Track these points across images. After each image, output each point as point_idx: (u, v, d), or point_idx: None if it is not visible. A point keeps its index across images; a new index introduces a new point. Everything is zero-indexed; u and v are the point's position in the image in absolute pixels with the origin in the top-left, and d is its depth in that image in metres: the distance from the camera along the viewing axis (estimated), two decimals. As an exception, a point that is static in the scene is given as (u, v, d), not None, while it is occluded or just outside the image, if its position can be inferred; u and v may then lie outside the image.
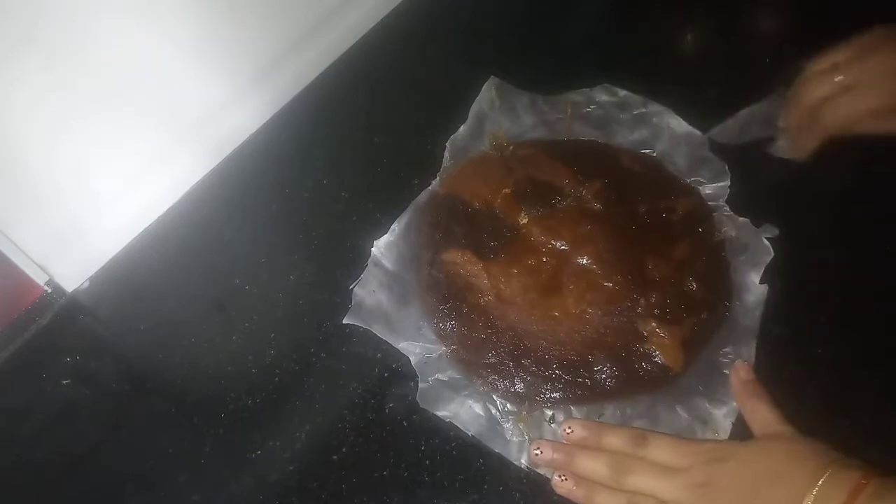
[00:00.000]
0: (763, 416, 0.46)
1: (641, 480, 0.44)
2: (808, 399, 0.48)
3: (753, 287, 0.54)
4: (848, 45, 0.54)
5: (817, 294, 0.54)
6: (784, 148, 0.60)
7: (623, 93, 0.65)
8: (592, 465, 0.45)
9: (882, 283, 0.54)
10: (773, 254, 0.54)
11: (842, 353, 0.51)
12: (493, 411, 0.51)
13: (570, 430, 0.48)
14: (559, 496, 0.47)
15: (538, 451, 0.47)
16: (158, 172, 0.63)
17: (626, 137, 0.63)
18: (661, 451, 0.45)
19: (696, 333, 0.52)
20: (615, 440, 0.46)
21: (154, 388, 0.55)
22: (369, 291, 0.56)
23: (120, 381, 0.56)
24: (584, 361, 0.51)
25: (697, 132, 0.62)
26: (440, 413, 0.51)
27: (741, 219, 0.57)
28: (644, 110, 0.64)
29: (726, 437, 0.48)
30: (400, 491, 0.48)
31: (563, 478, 0.46)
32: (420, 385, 0.52)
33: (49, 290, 0.59)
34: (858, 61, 0.53)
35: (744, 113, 0.63)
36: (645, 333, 0.52)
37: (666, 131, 0.63)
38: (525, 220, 0.57)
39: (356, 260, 0.57)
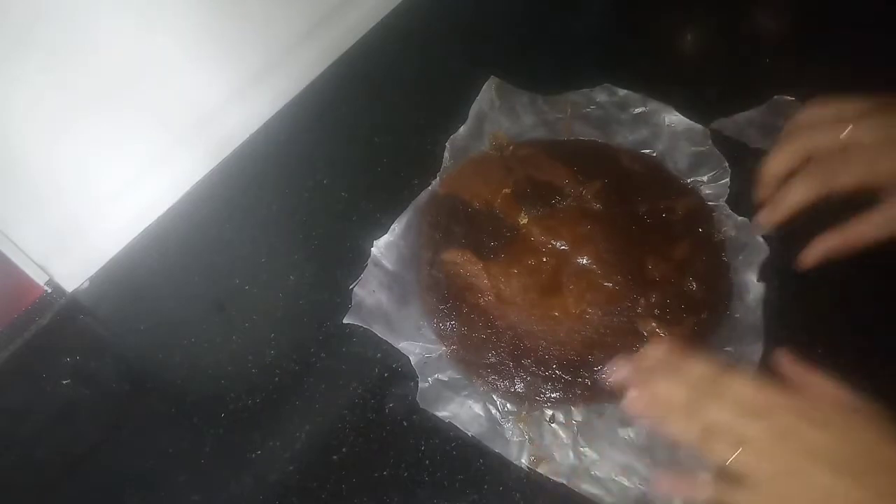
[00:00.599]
0: (836, 393, 0.41)
1: (721, 413, 0.40)
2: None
3: (753, 286, 0.54)
4: (849, 101, 0.46)
5: (817, 294, 0.54)
6: (763, 217, 0.48)
7: (623, 92, 0.65)
8: (670, 388, 0.42)
9: (883, 283, 0.54)
10: (768, 251, 0.54)
11: (842, 353, 0.51)
12: (493, 411, 0.51)
13: (654, 350, 0.44)
14: (560, 495, 0.47)
15: (616, 368, 0.44)
16: (158, 172, 0.63)
17: (626, 137, 0.63)
18: (747, 387, 0.41)
19: (696, 333, 0.52)
20: (698, 366, 0.42)
21: (154, 388, 0.55)
22: (369, 291, 0.56)
23: (120, 381, 0.56)
24: (584, 361, 0.51)
25: (698, 126, 0.62)
26: (440, 413, 0.51)
27: (741, 218, 0.57)
28: (644, 109, 0.64)
29: None
30: (400, 491, 0.48)
31: (637, 396, 0.43)
32: (420, 385, 0.52)
33: (49, 290, 0.59)
34: (869, 117, 0.44)
35: (741, 117, 0.63)
36: (645, 333, 0.52)
37: (666, 130, 0.63)
38: (525, 220, 0.57)
39: (356, 260, 0.57)
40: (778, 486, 0.39)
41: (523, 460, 0.49)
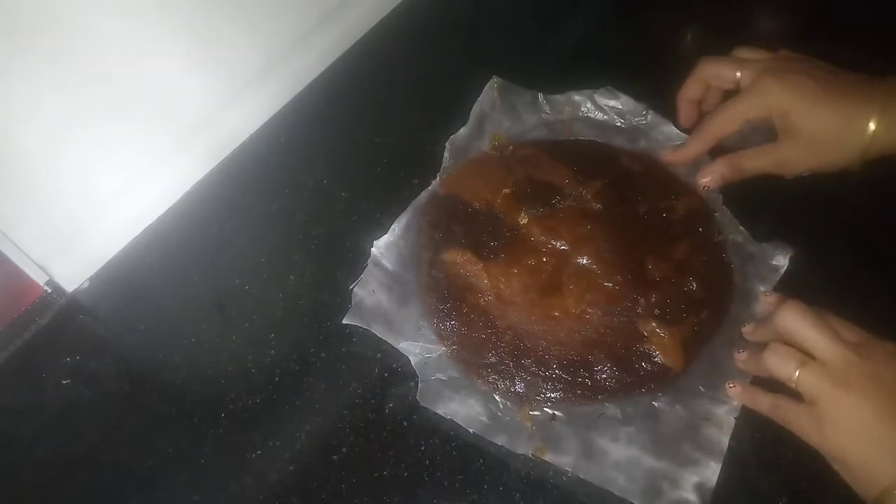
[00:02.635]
0: None
1: (807, 330, 0.44)
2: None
3: (762, 296, 0.53)
4: (749, 49, 0.58)
5: (822, 294, 0.53)
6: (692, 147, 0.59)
7: (624, 98, 0.65)
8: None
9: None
10: (781, 274, 0.54)
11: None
12: (494, 409, 0.51)
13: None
14: (560, 495, 0.47)
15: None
16: (158, 172, 0.63)
17: (625, 142, 0.63)
18: (840, 323, 0.45)
19: (696, 333, 0.52)
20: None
21: (154, 388, 0.55)
22: (369, 291, 0.56)
23: (120, 381, 0.56)
24: (584, 361, 0.51)
25: None
26: (441, 411, 0.50)
27: (742, 227, 0.57)
28: (644, 121, 0.64)
29: (730, 431, 0.48)
30: (400, 491, 0.48)
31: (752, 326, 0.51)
32: (420, 385, 0.52)
33: (49, 290, 0.59)
34: (755, 62, 0.56)
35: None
36: (645, 333, 0.52)
37: (665, 144, 0.62)
38: (525, 220, 0.57)
39: (356, 260, 0.57)
40: (832, 410, 0.42)
41: (528, 451, 0.48)
